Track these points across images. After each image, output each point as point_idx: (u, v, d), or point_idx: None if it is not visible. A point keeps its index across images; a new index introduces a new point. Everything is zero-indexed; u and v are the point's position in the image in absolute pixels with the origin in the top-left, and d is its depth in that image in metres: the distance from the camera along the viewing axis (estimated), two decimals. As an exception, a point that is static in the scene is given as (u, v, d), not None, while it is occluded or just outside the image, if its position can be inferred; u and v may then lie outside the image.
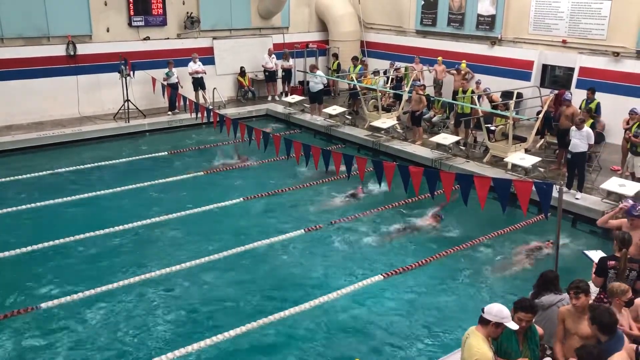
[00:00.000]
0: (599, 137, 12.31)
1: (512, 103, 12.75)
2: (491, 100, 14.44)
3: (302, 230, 10.21)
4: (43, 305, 7.78)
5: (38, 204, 11.17)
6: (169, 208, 11.08)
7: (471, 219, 10.23)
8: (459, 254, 9.46)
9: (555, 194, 6.84)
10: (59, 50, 16.26)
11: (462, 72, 15.90)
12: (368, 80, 16.85)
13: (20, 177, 12.73)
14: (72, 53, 16.39)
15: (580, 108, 12.60)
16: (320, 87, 17.37)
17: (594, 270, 6.53)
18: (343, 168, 9.51)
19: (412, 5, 19.31)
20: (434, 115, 15.65)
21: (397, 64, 17.96)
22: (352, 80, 16.76)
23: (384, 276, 8.62)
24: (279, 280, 8.70)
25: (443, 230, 10.43)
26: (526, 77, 16.06)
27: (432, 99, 15.65)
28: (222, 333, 7.19)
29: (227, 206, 11.35)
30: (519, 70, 16.29)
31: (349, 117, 16.76)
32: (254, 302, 8.10)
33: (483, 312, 4.75)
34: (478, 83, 15.25)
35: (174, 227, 10.45)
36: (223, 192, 12.08)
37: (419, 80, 16.24)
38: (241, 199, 11.64)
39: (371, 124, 15.35)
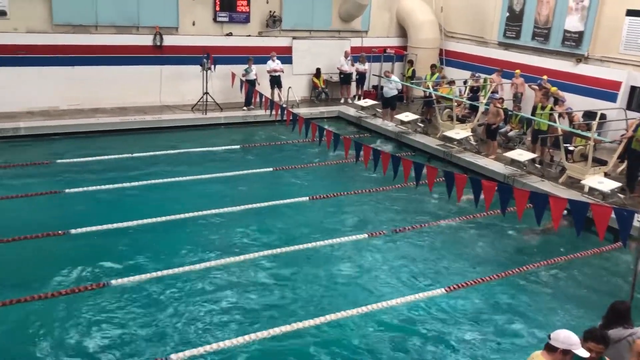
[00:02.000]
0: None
1: (594, 124, 12.22)
2: (572, 120, 13.89)
3: (365, 235, 10.19)
4: (113, 282, 8.14)
5: (116, 185, 11.71)
6: (236, 200, 11.34)
7: (541, 239, 9.89)
8: (527, 274, 9.15)
9: (636, 222, 6.51)
10: (146, 40, 16.99)
11: (546, 90, 15.31)
12: (444, 89, 16.62)
13: (102, 157, 13.41)
14: (158, 44, 17.08)
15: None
16: (395, 92, 17.29)
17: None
18: (411, 175, 9.43)
19: (496, 17, 18.87)
20: (511, 130, 15.23)
21: (478, 74, 17.60)
22: (428, 88, 16.57)
23: (446, 290, 8.47)
24: (335, 282, 8.71)
25: (510, 248, 10.14)
26: (612, 98, 15.32)
27: (509, 112, 15.24)
28: (272, 328, 7.28)
29: (292, 203, 11.49)
30: (604, 90, 15.57)
31: (421, 125, 16.58)
32: (308, 301, 8.15)
33: (550, 338, 4.58)
34: (562, 101, 14.69)
35: (238, 219, 10.66)
36: (290, 189, 12.25)
37: (497, 93, 15.85)
38: (307, 197, 11.75)
39: (444, 133, 15.13)
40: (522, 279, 9.00)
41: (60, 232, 9.35)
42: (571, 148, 12.66)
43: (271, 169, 13.38)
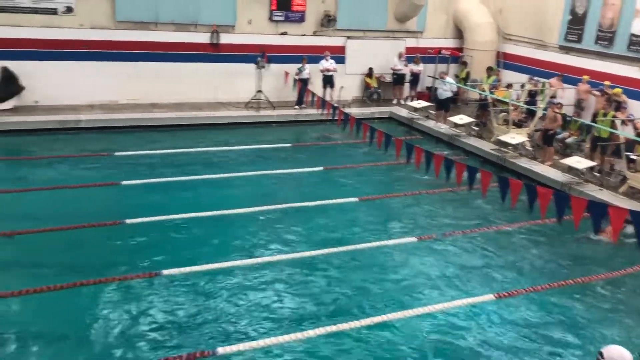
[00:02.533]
0: None
1: (660, 132, 11.67)
2: (635, 128, 13.30)
3: (415, 238, 10.06)
4: (164, 272, 8.30)
5: (170, 178, 11.98)
6: (286, 198, 11.38)
7: (600, 248, 9.53)
8: (583, 285, 8.80)
9: None
10: (204, 38, 17.33)
11: (608, 95, 14.74)
12: (500, 92, 16.23)
13: (157, 151, 13.77)
14: (215, 42, 17.39)
15: None
16: (449, 94, 17.02)
17: None
18: (464, 179, 9.26)
19: (557, 20, 18.27)
20: (569, 136, 14.72)
21: (536, 79, 17.11)
22: (484, 91, 16.23)
23: (495, 297, 8.26)
24: (382, 284, 8.63)
25: (565, 257, 9.80)
26: (680, 105, 14.62)
27: (568, 118, 14.74)
28: (317, 328, 7.25)
29: (341, 204, 11.44)
30: (671, 97, 14.88)
31: (476, 129, 16.26)
32: (353, 302, 8.11)
33: (602, 356, 4.35)
34: (623, 108, 14.10)
35: (287, 217, 10.71)
36: (339, 189, 12.24)
37: (556, 98, 15.37)
38: (356, 198, 11.69)
39: (499, 138, 14.78)
40: (577, 290, 8.68)
41: (116, 221, 9.64)
42: (634, 157, 12.13)
43: (321, 168, 13.40)
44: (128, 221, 9.70)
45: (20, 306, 7.44)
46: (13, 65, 15.10)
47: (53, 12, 15.67)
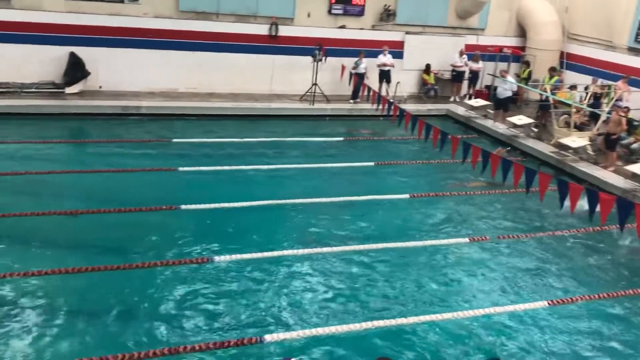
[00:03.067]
0: None
1: None
2: None
3: (466, 239, 9.89)
4: (216, 258, 8.48)
5: (224, 167, 12.21)
6: (336, 191, 11.39)
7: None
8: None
9: None
10: (263, 29, 17.49)
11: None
12: (563, 94, 15.69)
13: (213, 140, 14.03)
14: (273, 34, 17.53)
15: None
16: (509, 94, 16.59)
17: None
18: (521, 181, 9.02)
19: (627, 20, 17.51)
20: (634, 142, 14.10)
21: (602, 81, 16.45)
22: (546, 92, 15.74)
23: (548, 303, 8.03)
24: (431, 284, 8.51)
25: (625, 267, 9.41)
26: None
27: (635, 123, 14.11)
28: (364, 322, 7.27)
29: (392, 200, 11.36)
30: None
31: (535, 130, 15.80)
32: (400, 300, 8.05)
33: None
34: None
35: (337, 210, 10.70)
36: (390, 185, 12.15)
37: (622, 101, 14.74)
38: (407, 195, 11.58)
39: (559, 140, 14.31)
40: (636, 302, 8.33)
41: (172, 206, 9.90)
42: None
43: (372, 164, 13.33)
44: (183, 207, 9.95)
45: (77, 283, 7.76)
46: (80, 51, 15.67)
47: (120, 0, 16.17)
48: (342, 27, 18.28)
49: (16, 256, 8.18)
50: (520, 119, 15.72)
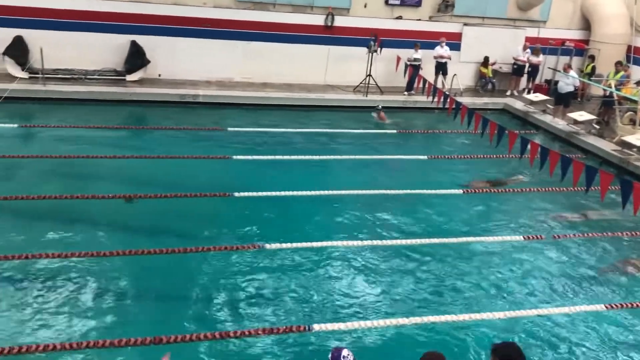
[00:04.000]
0: None
1: None
2: None
3: (521, 237, 9.63)
4: (267, 245, 8.56)
5: (277, 156, 12.31)
6: (387, 184, 11.32)
7: None
8: None
9: None
10: (319, 20, 17.49)
11: None
12: (628, 90, 15.04)
13: (267, 129, 14.17)
14: (329, 24, 17.49)
15: None
16: (571, 89, 16.02)
17: None
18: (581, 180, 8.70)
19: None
20: None
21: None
22: (610, 87, 15.10)
23: (607, 307, 7.74)
24: (482, 282, 8.35)
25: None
26: None
27: None
28: (411, 317, 7.21)
29: (445, 194, 11.19)
30: None
31: (597, 127, 15.20)
32: (449, 296, 7.95)
33: None
34: None
35: (388, 203, 10.61)
36: (443, 179, 11.95)
37: (694, 99, 14.00)
38: (461, 190, 11.39)
39: (622, 138, 13.73)
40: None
41: (225, 193, 10.08)
42: None
43: (425, 157, 13.16)
44: (236, 194, 10.11)
45: (131, 265, 8.00)
46: (140, 40, 16.10)
47: (181, -10, 16.51)
48: (399, 18, 18.05)
49: (75, 237, 8.52)
50: (582, 115, 15.16)
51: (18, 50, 15.14)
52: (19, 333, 6.54)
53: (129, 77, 15.92)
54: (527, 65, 18.34)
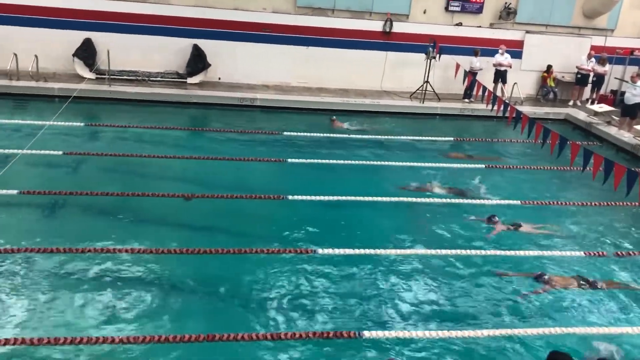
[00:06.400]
0: None
1: None
2: None
3: (582, 253, 9.29)
4: (319, 250, 8.59)
5: (332, 161, 12.32)
6: (444, 193, 11.19)
7: None
8: None
9: None
10: (377, 25, 17.45)
11: None
12: (702, 103, 14.28)
13: (322, 134, 14.22)
14: (387, 30, 17.43)
15: None
16: (638, 100, 15.33)
17: None
18: None
19: None
20: None
21: None
22: (682, 99, 14.40)
23: (670, 330, 7.37)
24: (538, 296, 8.10)
25: None
26: None
27: None
28: (465, 330, 7.09)
29: (501, 205, 10.90)
30: None
31: (666, 141, 14.51)
32: (499, 309, 7.75)
33: None
34: None
35: (444, 211, 10.48)
36: (500, 189, 11.66)
37: None
38: (519, 201, 11.08)
39: (694, 153, 13.05)
40: None
41: (279, 196, 10.19)
42: None
43: (483, 166, 12.90)
44: (290, 197, 10.20)
45: (186, 263, 8.18)
46: (202, 44, 16.51)
47: (242, -5, 16.84)
48: (459, 24, 17.80)
49: (132, 233, 8.75)
50: (650, 128, 14.51)
51: (87, 52, 15.83)
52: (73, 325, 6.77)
53: (190, 80, 16.35)
54: (591, 74, 17.71)
